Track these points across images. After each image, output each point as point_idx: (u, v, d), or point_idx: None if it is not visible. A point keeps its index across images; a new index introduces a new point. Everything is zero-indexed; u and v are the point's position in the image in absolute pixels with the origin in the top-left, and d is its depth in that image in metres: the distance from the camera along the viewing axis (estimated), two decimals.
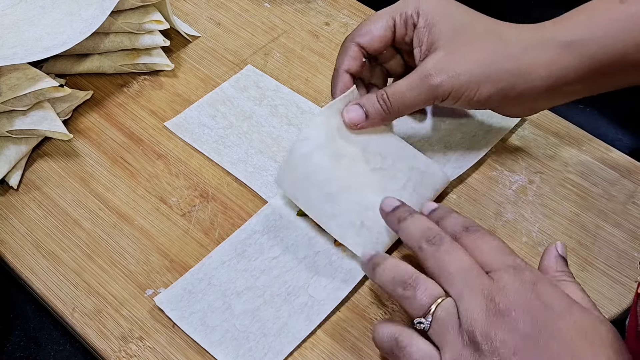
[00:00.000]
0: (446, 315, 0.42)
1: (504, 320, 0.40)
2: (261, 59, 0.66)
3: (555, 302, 0.41)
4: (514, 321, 0.40)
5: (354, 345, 0.49)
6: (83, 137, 0.61)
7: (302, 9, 0.70)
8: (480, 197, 0.56)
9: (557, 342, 0.39)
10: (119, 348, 0.49)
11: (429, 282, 0.44)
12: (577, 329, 0.40)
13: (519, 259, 0.44)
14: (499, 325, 0.40)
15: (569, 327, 0.40)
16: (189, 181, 0.58)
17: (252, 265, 0.52)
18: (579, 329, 0.40)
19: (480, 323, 0.40)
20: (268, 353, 0.48)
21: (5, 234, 0.55)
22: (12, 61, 0.56)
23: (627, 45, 0.49)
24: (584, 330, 0.40)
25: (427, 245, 0.45)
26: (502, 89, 0.51)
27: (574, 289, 0.44)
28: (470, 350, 0.40)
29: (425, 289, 0.44)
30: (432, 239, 0.45)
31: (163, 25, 0.64)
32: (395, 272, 0.45)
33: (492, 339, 0.40)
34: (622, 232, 0.54)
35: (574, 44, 0.50)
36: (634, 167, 0.58)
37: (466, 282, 0.42)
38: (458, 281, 0.43)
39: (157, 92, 0.64)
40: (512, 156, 0.59)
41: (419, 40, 0.53)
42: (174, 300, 0.50)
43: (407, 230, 0.47)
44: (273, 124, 0.61)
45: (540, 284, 0.42)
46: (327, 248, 0.53)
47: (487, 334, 0.40)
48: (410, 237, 0.47)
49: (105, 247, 0.54)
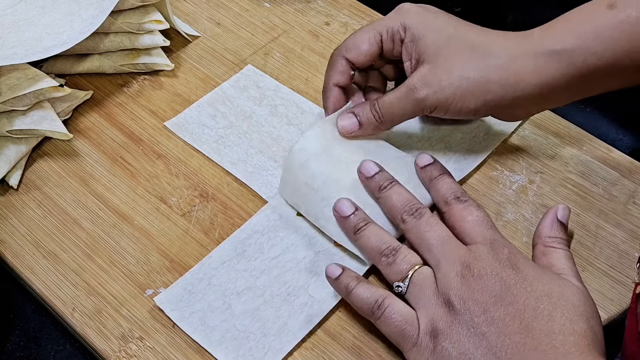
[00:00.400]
0: (422, 279, 0.46)
1: (477, 282, 0.44)
2: (261, 58, 0.66)
3: (525, 270, 0.45)
4: (485, 284, 0.44)
5: (354, 345, 0.49)
6: (83, 137, 0.61)
7: (302, 9, 0.70)
8: (480, 197, 0.56)
9: (522, 300, 0.43)
10: (119, 348, 0.49)
11: (409, 251, 0.48)
12: (543, 290, 0.44)
13: (499, 234, 0.48)
14: (472, 287, 0.44)
15: (534, 289, 0.44)
16: (189, 181, 0.58)
17: (252, 265, 0.52)
18: (544, 291, 0.44)
19: (455, 286, 0.45)
20: (268, 353, 0.48)
21: (5, 234, 0.55)
22: (12, 61, 0.56)
23: (616, 52, 0.49)
24: (549, 292, 0.44)
25: (409, 217, 0.49)
26: (491, 100, 0.51)
27: (558, 257, 0.48)
28: (444, 309, 0.44)
29: (405, 257, 0.48)
30: (414, 212, 0.49)
31: (163, 25, 0.64)
32: (379, 240, 0.49)
33: (465, 300, 0.44)
34: (622, 232, 0.54)
35: (562, 52, 0.50)
36: (635, 167, 0.58)
37: (444, 251, 0.47)
38: (437, 251, 0.47)
39: (157, 92, 0.64)
40: (513, 156, 0.59)
41: (408, 54, 0.54)
42: (174, 300, 0.50)
43: (390, 200, 0.51)
44: (273, 124, 0.61)
45: (514, 256, 0.46)
46: (327, 248, 0.53)
47: (462, 295, 0.44)
48: (392, 208, 0.50)
49: (105, 247, 0.54)
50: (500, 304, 0.43)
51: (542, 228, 0.50)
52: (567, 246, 0.49)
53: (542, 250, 0.49)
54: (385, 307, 0.46)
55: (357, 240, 0.50)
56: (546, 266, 0.47)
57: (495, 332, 0.42)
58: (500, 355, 0.42)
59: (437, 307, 0.45)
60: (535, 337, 0.42)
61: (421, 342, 0.44)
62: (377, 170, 0.52)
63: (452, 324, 0.44)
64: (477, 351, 0.42)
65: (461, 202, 0.50)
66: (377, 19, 0.69)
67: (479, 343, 0.43)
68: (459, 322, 0.44)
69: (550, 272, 0.46)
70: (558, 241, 0.49)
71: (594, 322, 0.43)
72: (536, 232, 0.50)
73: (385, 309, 0.46)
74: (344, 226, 0.51)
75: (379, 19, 0.57)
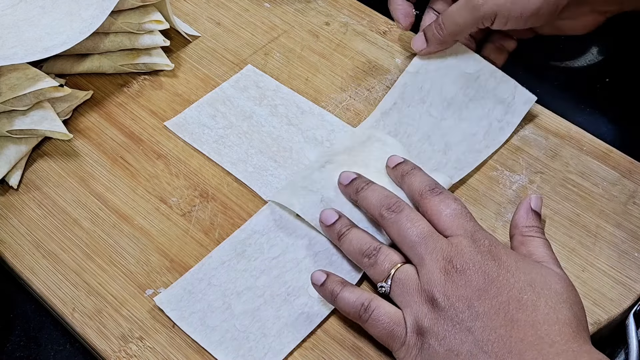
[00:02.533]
0: (405, 277, 0.46)
1: (460, 278, 0.44)
2: (261, 59, 0.66)
3: (507, 261, 0.45)
4: (469, 278, 0.44)
5: (354, 345, 0.49)
6: (83, 137, 0.61)
7: (302, 9, 0.70)
8: (480, 197, 0.56)
9: (506, 292, 0.43)
10: (119, 348, 0.49)
11: (390, 251, 0.48)
12: (525, 280, 0.44)
13: (478, 224, 0.48)
14: (456, 283, 0.44)
15: (517, 280, 0.44)
16: (189, 181, 0.57)
17: (252, 265, 0.52)
18: (527, 281, 0.44)
19: (438, 282, 0.45)
20: (268, 353, 0.48)
21: (5, 234, 0.55)
22: (12, 61, 0.56)
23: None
24: (531, 281, 0.44)
25: (388, 213, 0.49)
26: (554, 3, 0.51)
27: (537, 245, 0.48)
28: (429, 306, 0.44)
29: (386, 257, 0.48)
30: (392, 206, 0.49)
31: (163, 25, 0.64)
32: (360, 242, 0.49)
33: (449, 295, 0.44)
34: (623, 233, 0.54)
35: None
36: (635, 167, 0.58)
37: (426, 247, 0.46)
38: (418, 247, 0.47)
39: (157, 92, 0.64)
40: (513, 156, 0.59)
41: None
42: (174, 300, 0.50)
43: (367, 199, 0.51)
44: (273, 124, 0.61)
45: (495, 247, 0.46)
46: (327, 248, 0.53)
47: (445, 291, 0.44)
48: (370, 206, 0.50)
49: (105, 247, 0.54)
50: (484, 298, 0.43)
51: (518, 218, 0.49)
52: (543, 234, 0.49)
53: (521, 240, 0.49)
54: (372, 309, 0.46)
55: (341, 246, 0.50)
56: (526, 255, 0.47)
57: (481, 326, 0.43)
58: (486, 350, 0.42)
59: (421, 305, 0.45)
60: (521, 328, 0.42)
61: (408, 341, 0.45)
62: (354, 177, 0.53)
63: (437, 321, 0.44)
64: (463, 347, 0.43)
65: (436, 195, 0.49)
66: (378, 18, 0.69)
67: (465, 338, 0.43)
68: (444, 318, 0.44)
69: (532, 261, 0.46)
70: (535, 230, 0.49)
71: (577, 308, 0.44)
72: (512, 223, 0.50)
73: (372, 311, 0.46)
74: (329, 234, 0.51)
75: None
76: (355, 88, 0.64)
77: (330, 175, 0.55)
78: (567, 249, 0.53)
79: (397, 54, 0.66)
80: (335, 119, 0.61)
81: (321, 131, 0.60)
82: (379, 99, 0.62)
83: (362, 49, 0.66)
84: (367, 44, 0.67)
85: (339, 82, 0.64)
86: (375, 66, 0.65)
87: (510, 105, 0.59)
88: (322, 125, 0.60)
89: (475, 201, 0.56)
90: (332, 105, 0.62)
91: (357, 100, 0.63)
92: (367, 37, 0.67)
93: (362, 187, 0.51)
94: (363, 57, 0.66)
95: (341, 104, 0.62)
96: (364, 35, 0.67)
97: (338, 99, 0.63)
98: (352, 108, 0.62)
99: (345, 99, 0.63)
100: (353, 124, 0.61)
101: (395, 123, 0.60)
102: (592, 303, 0.50)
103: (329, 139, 0.59)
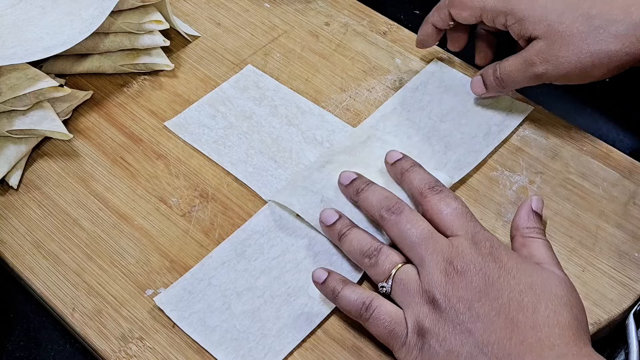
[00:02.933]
0: (406, 277, 0.46)
1: (461, 279, 0.44)
2: (261, 59, 0.66)
3: (508, 262, 0.45)
4: (469, 280, 0.44)
5: (354, 345, 0.49)
6: (83, 137, 0.61)
7: (302, 9, 0.70)
8: (480, 197, 0.56)
9: (507, 294, 0.43)
10: (119, 348, 0.49)
11: (391, 251, 0.48)
12: (526, 283, 0.44)
13: (479, 224, 0.47)
14: (456, 284, 0.44)
15: (517, 282, 0.44)
16: (189, 181, 0.57)
17: (252, 266, 0.52)
18: (527, 283, 0.44)
19: (439, 283, 0.44)
20: (268, 353, 0.48)
21: (5, 234, 0.55)
22: (12, 61, 0.56)
23: None
24: (532, 284, 0.44)
25: (388, 214, 0.49)
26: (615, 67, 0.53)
27: (538, 246, 0.48)
28: (429, 307, 0.44)
29: (387, 257, 0.48)
30: (392, 207, 0.49)
31: (163, 25, 0.64)
32: (361, 242, 0.49)
33: (449, 297, 0.44)
34: (623, 233, 0.54)
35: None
36: (635, 168, 0.58)
37: (426, 248, 0.46)
38: (419, 248, 0.46)
39: (157, 92, 0.64)
40: (513, 156, 0.59)
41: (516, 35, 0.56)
42: (174, 300, 0.50)
43: (367, 200, 0.51)
44: (273, 124, 0.61)
45: (495, 249, 0.45)
46: (328, 248, 0.53)
47: (446, 292, 0.44)
48: (370, 207, 0.50)
49: (105, 247, 0.54)
50: (485, 300, 0.43)
51: (519, 219, 0.50)
52: (544, 235, 0.49)
53: (521, 241, 0.49)
54: (373, 308, 0.46)
55: (342, 246, 0.50)
56: (527, 257, 0.47)
57: (481, 328, 0.43)
58: (486, 352, 0.42)
59: (422, 306, 0.45)
60: (521, 331, 0.42)
61: (409, 341, 0.45)
62: (354, 177, 0.53)
63: (437, 322, 0.44)
64: (463, 348, 0.43)
65: (437, 193, 0.49)
66: (378, 19, 0.69)
67: (465, 340, 0.43)
68: (445, 319, 0.44)
69: (532, 263, 0.46)
70: (536, 231, 0.49)
71: (577, 310, 0.44)
72: (513, 224, 0.50)
73: (373, 310, 0.46)
74: (330, 234, 0.51)
75: None
76: (355, 88, 0.64)
77: (330, 175, 0.55)
78: (567, 250, 0.53)
79: (397, 55, 0.66)
80: (335, 119, 0.61)
81: (321, 131, 0.60)
82: (379, 99, 0.62)
83: (362, 49, 0.66)
84: (367, 44, 0.67)
85: (339, 82, 0.64)
86: (375, 66, 0.65)
87: (508, 114, 0.61)
88: (322, 126, 0.61)
89: (475, 201, 0.56)
90: (332, 105, 0.62)
91: (357, 100, 0.63)
92: (367, 38, 0.67)
93: (363, 188, 0.51)
94: (363, 58, 0.66)
95: (341, 104, 0.62)
96: (364, 36, 0.68)
97: (338, 99, 0.63)
98: (352, 108, 0.62)
99: (345, 99, 0.63)
100: (353, 124, 0.61)
101: (395, 125, 0.60)
102: (592, 303, 0.50)
103: (329, 139, 0.60)
